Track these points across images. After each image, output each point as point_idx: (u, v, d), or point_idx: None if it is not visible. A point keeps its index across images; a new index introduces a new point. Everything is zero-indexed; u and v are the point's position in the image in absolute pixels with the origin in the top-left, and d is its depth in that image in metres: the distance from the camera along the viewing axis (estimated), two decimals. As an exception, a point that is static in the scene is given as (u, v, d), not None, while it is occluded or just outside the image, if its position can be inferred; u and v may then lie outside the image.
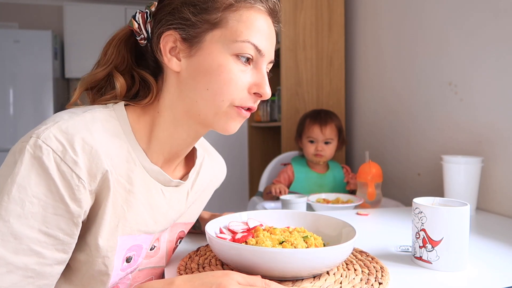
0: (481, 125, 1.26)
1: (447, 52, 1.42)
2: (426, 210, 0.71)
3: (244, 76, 0.63)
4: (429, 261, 0.71)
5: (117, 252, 0.62)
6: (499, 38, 1.19)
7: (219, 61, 0.61)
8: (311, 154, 1.69)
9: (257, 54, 0.63)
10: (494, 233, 0.94)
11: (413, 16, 1.62)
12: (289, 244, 0.66)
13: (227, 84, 0.61)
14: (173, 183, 0.69)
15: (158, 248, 0.72)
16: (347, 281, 0.62)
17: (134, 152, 0.63)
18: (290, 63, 2.10)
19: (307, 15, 2.10)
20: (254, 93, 0.64)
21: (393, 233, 0.97)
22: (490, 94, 1.23)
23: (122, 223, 0.61)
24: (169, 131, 0.66)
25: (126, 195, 0.62)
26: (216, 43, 0.62)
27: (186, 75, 0.63)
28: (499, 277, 0.68)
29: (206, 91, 0.62)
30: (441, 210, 0.69)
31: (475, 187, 1.14)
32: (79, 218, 0.55)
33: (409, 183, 1.66)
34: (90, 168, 0.56)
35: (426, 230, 0.70)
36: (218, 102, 0.62)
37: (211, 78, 0.61)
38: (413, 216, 0.74)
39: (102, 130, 0.59)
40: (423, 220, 0.71)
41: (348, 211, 1.24)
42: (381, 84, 1.87)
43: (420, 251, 0.72)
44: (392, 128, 1.79)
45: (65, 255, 0.56)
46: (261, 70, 0.65)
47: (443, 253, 0.69)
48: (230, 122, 0.64)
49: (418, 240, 0.72)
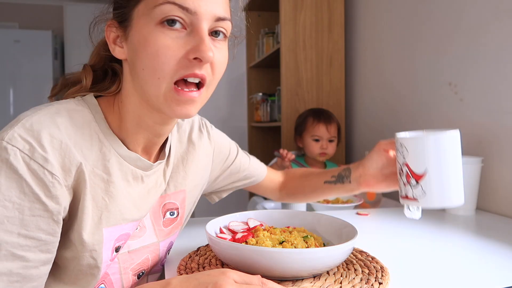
0: (481, 125, 1.26)
1: (447, 52, 1.42)
2: (407, 142, 0.65)
3: (175, 44, 0.55)
4: (415, 198, 0.65)
5: (105, 244, 0.60)
6: (499, 38, 1.19)
7: (144, 34, 0.56)
8: (316, 153, 1.70)
9: (187, 14, 0.55)
10: (494, 233, 0.94)
11: (413, 16, 1.62)
12: (289, 244, 0.66)
13: (156, 58, 0.55)
14: (154, 166, 0.67)
15: (143, 226, 0.70)
16: (347, 281, 0.62)
17: (108, 140, 0.61)
18: (290, 63, 2.10)
19: (307, 15, 2.10)
20: (195, 59, 0.56)
21: (393, 233, 0.97)
22: (490, 94, 1.23)
23: (105, 215, 0.60)
24: (134, 120, 0.63)
25: (106, 185, 0.60)
26: (142, 16, 0.56)
27: (130, 60, 0.60)
28: (499, 277, 0.68)
29: (143, 72, 0.57)
30: (420, 139, 0.64)
31: (475, 187, 1.14)
32: (59, 215, 0.54)
33: (409, 183, 1.66)
34: (63, 163, 0.54)
35: (409, 164, 0.65)
36: (155, 81, 0.56)
37: (141, 55, 0.56)
38: (396, 154, 0.68)
39: (69, 121, 0.57)
40: (405, 153, 0.65)
41: (348, 211, 1.24)
42: (381, 84, 1.87)
43: (405, 189, 0.67)
44: (392, 128, 1.79)
45: (50, 254, 0.54)
46: (199, 31, 0.56)
47: (428, 187, 0.64)
48: (174, 106, 0.58)
49: (402, 177, 0.67)
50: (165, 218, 0.75)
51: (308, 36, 2.11)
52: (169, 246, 0.77)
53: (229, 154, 0.90)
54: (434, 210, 1.20)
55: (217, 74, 0.60)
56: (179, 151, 0.77)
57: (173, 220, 0.76)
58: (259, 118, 2.76)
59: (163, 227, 0.74)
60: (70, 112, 0.58)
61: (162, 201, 0.74)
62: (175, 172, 0.75)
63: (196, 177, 0.80)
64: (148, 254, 0.71)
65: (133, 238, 0.68)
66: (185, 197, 0.78)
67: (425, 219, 1.08)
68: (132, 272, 0.69)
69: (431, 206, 0.65)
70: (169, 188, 0.74)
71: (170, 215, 0.76)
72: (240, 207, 2.80)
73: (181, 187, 0.76)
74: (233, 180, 0.93)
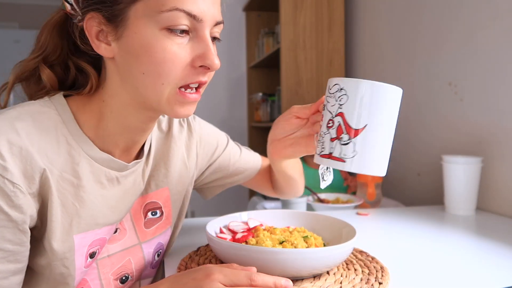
0: (481, 125, 1.26)
1: (447, 52, 1.42)
2: (350, 85, 0.53)
3: (182, 51, 0.54)
4: (342, 159, 0.53)
5: (77, 251, 0.58)
6: (499, 39, 1.19)
7: (147, 39, 0.53)
8: None
9: (193, 21, 0.54)
10: (494, 233, 0.94)
11: (413, 16, 1.62)
12: (289, 244, 0.66)
13: (162, 65, 0.53)
14: (130, 166, 0.65)
15: (123, 229, 0.68)
16: (347, 281, 0.62)
17: (77, 143, 0.58)
18: (290, 63, 2.10)
19: (307, 15, 2.10)
20: (201, 66, 0.55)
21: (393, 233, 0.97)
22: (490, 94, 1.23)
23: (76, 221, 0.57)
24: (118, 120, 0.60)
25: (75, 190, 0.57)
26: (141, 17, 0.53)
27: (121, 60, 0.56)
28: (499, 277, 0.68)
29: (143, 76, 0.54)
30: (373, 86, 0.53)
31: (475, 187, 1.14)
32: (24, 224, 0.52)
33: (409, 183, 1.66)
34: (24, 170, 0.51)
35: (345, 114, 0.53)
36: (158, 87, 0.54)
37: (143, 60, 0.53)
38: (326, 100, 0.56)
39: (32, 125, 0.54)
40: (343, 100, 0.54)
41: (348, 211, 1.24)
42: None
43: (330, 146, 0.54)
44: (392, 128, 1.79)
45: (20, 264, 0.53)
46: (203, 38, 0.55)
47: (362, 146, 0.53)
48: (177, 108, 0.57)
49: (330, 130, 0.55)
50: (146, 219, 0.72)
51: (308, 36, 2.11)
52: (158, 247, 0.74)
53: (216, 147, 0.85)
54: (431, 208, 1.20)
55: (211, 76, 0.60)
56: (160, 149, 0.73)
57: (157, 220, 0.73)
58: (259, 118, 2.76)
59: (145, 228, 0.71)
60: (33, 115, 0.55)
61: (143, 202, 0.71)
62: (155, 171, 0.72)
63: (179, 173, 0.76)
64: (130, 257, 0.69)
65: (112, 241, 0.66)
66: (169, 195, 0.75)
67: (425, 219, 1.08)
68: (114, 276, 0.66)
69: (355, 170, 0.54)
70: (150, 187, 0.71)
71: (152, 215, 0.73)
72: (240, 207, 2.80)
73: (163, 185, 0.73)
74: (224, 174, 0.88)
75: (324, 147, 0.55)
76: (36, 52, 0.61)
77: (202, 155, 0.82)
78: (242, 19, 3.15)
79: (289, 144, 0.70)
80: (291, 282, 0.50)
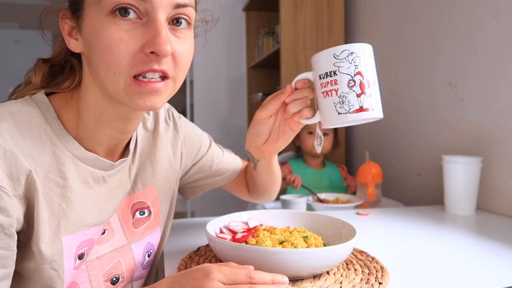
0: (481, 125, 1.26)
1: (447, 52, 1.42)
2: (358, 49, 0.64)
3: (130, 36, 0.50)
4: (370, 108, 0.64)
5: (66, 253, 0.57)
6: (499, 38, 1.19)
7: (95, 27, 0.51)
8: (311, 145, 1.71)
9: (141, 2, 0.50)
10: (494, 233, 0.95)
11: (413, 16, 1.62)
12: (289, 244, 0.66)
13: (109, 53, 0.50)
14: (116, 165, 0.64)
15: (111, 230, 0.66)
16: (347, 281, 0.62)
17: (62, 142, 0.56)
18: (290, 63, 2.10)
19: (307, 15, 2.11)
20: (152, 53, 0.51)
21: (393, 233, 0.97)
22: (490, 94, 1.23)
23: (64, 223, 0.56)
24: (94, 116, 0.59)
25: (62, 191, 0.56)
26: (92, 6, 0.51)
27: (86, 54, 0.55)
28: (499, 277, 0.68)
29: (97, 66, 0.52)
30: (369, 47, 0.65)
31: (475, 187, 1.14)
32: (11, 228, 0.50)
33: (409, 183, 1.66)
34: (9, 172, 0.50)
35: (362, 72, 0.63)
36: (112, 77, 0.52)
37: (94, 50, 0.51)
38: (338, 65, 0.64)
39: (14, 125, 0.52)
40: (357, 61, 0.63)
41: (348, 211, 1.24)
42: (381, 84, 1.87)
43: (359, 101, 0.63)
44: (392, 128, 1.79)
45: (7, 269, 0.51)
46: (154, 21, 0.51)
47: (377, 95, 0.65)
48: (136, 99, 0.53)
49: (355, 88, 0.63)
50: (134, 219, 0.71)
51: (308, 36, 2.11)
52: (148, 247, 0.73)
53: (200, 147, 0.85)
54: (431, 208, 1.20)
55: (181, 66, 0.55)
56: (146, 147, 0.73)
57: (145, 219, 0.73)
58: (259, 118, 2.76)
59: (133, 228, 0.71)
60: (15, 115, 0.53)
61: (130, 202, 0.70)
62: (142, 170, 0.71)
63: (166, 171, 0.76)
64: (120, 258, 0.68)
65: (101, 243, 0.65)
66: (157, 194, 0.74)
67: (425, 219, 1.08)
68: (104, 278, 0.65)
69: (377, 116, 0.64)
70: (137, 186, 0.71)
71: (140, 214, 0.72)
72: (240, 207, 2.80)
73: (150, 184, 0.73)
74: (206, 174, 0.88)
75: (352, 104, 0.63)
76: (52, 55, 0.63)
77: (186, 154, 0.82)
78: (242, 19, 3.15)
79: (276, 137, 0.75)
80: (286, 278, 0.50)
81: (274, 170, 0.87)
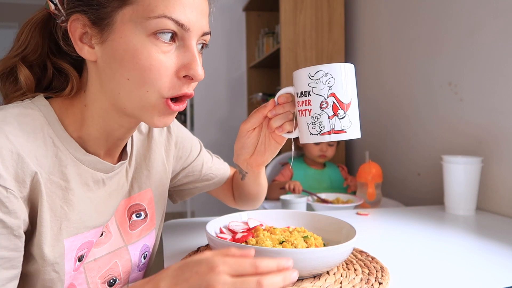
0: (481, 125, 1.26)
1: (447, 52, 1.42)
2: (335, 70, 0.62)
3: (168, 59, 0.54)
4: (344, 130, 0.63)
5: (66, 255, 0.57)
6: (499, 38, 1.19)
7: (134, 44, 0.52)
8: (315, 155, 1.75)
9: (181, 30, 0.54)
10: (494, 233, 0.95)
11: (413, 16, 1.62)
12: (289, 244, 0.66)
13: (148, 72, 0.53)
14: (116, 167, 0.65)
15: (108, 232, 0.67)
16: (347, 281, 0.62)
17: (63, 144, 0.57)
18: (290, 63, 2.10)
19: (307, 15, 2.11)
20: (184, 76, 0.55)
21: (393, 233, 0.97)
22: (490, 94, 1.23)
23: (65, 225, 0.56)
24: (99, 125, 0.59)
25: (64, 193, 0.56)
26: (128, 22, 0.53)
27: (103, 64, 0.55)
28: (499, 277, 0.68)
29: (127, 81, 0.54)
30: (346, 66, 0.63)
31: (475, 187, 1.14)
32: (19, 229, 0.51)
33: (409, 183, 1.66)
34: (16, 174, 0.50)
35: (336, 93, 0.62)
36: (143, 94, 0.54)
37: (128, 65, 0.53)
38: (312, 86, 0.63)
39: (18, 128, 0.53)
40: (331, 82, 0.62)
41: (348, 211, 1.24)
42: (381, 84, 1.87)
43: (331, 123, 0.63)
44: (392, 128, 1.79)
45: (16, 270, 0.52)
46: (189, 47, 0.55)
47: (353, 116, 0.64)
48: (159, 117, 0.56)
49: (327, 110, 0.62)
50: (131, 221, 0.72)
51: (308, 36, 2.11)
52: (143, 249, 0.74)
53: (191, 151, 0.86)
54: (431, 208, 1.20)
55: (195, 86, 0.60)
56: (141, 150, 0.74)
57: (141, 221, 0.73)
58: (259, 118, 2.76)
59: (130, 230, 0.71)
60: (18, 117, 0.54)
61: (127, 204, 0.71)
62: (138, 173, 0.72)
63: (160, 174, 0.77)
64: (116, 260, 0.68)
65: (98, 245, 0.65)
66: (152, 196, 0.75)
67: (425, 219, 1.08)
68: (101, 280, 0.66)
69: (353, 137, 0.64)
70: (133, 189, 0.71)
71: (137, 217, 0.73)
72: (240, 207, 2.80)
73: (146, 187, 0.74)
74: (195, 178, 0.89)
75: (323, 126, 0.63)
76: (15, 50, 0.60)
77: (177, 157, 0.83)
78: (242, 19, 3.15)
79: (263, 150, 0.75)
80: (291, 260, 0.49)
81: (261, 181, 0.88)
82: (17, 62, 0.59)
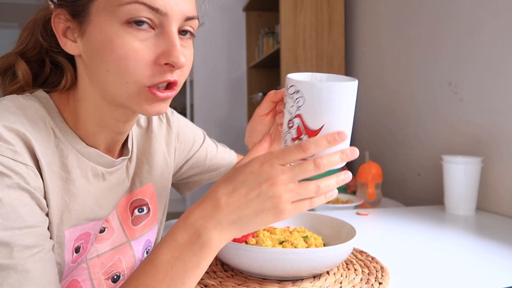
0: (481, 125, 1.26)
1: (447, 52, 1.42)
2: (305, 88, 0.50)
3: (145, 47, 0.51)
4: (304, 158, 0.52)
5: (66, 246, 0.57)
6: (499, 38, 1.19)
7: (108, 34, 0.51)
8: None
9: (157, 15, 0.51)
10: (494, 233, 0.95)
11: (413, 16, 1.63)
12: (289, 244, 0.66)
13: (124, 62, 0.51)
14: (117, 162, 0.64)
15: (111, 228, 0.67)
16: (347, 281, 0.62)
17: (64, 136, 0.57)
18: (290, 63, 2.10)
19: (307, 15, 2.11)
20: (166, 64, 0.52)
21: (393, 233, 0.97)
22: (490, 94, 1.23)
23: (66, 216, 0.56)
24: (95, 120, 0.59)
25: (65, 184, 0.56)
26: (102, 12, 0.51)
27: (86, 58, 0.55)
28: (499, 277, 0.68)
29: (107, 73, 0.53)
30: (330, 86, 0.50)
31: (475, 187, 1.14)
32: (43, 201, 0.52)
33: (409, 183, 1.66)
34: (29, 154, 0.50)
35: (303, 116, 0.51)
36: (123, 85, 0.53)
37: (105, 57, 0.52)
38: (286, 100, 0.54)
39: (23, 116, 0.53)
40: (300, 102, 0.51)
41: (348, 211, 1.24)
42: (381, 84, 1.87)
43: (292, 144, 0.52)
44: (392, 128, 1.79)
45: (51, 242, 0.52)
46: (168, 33, 0.52)
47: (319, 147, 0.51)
48: (149, 105, 0.55)
49: (291, 130, 0.53)
50: (133, 216, 0.71)
51: (308, 36, 2.11)
52: (146, 244, 0.74)
53: (193, 142, 0.85)
54: (431, 208, 1.20)
55: (185, 73, 0.57)
56: (141, 145, 0.73)
57: (144, 216, 0.73)
58: (259, 118, 2.76)
59: (133, 226, 0.71)
60: (19, 107, 0.54)
61: (129, 200, 0.70)
62: (139, 168, 0.71)
63: (161, 168, 0.76)
64: (120, 256, 0.68)
65: (101, 241, 0.65)
66: (154, 191, 0.74)
67: (425, 219, 1.08)
68: (105, 276, 0.65)
69: None
70: (135, 185, 0.71)
71: (139, 212, 0.72)
72: (240, 207, 2.80)
73: (147, 182, 0.73)
74: (201, 170, 0.88)
75: (287, 145, 0.54)
76: (16, 48, 0.61)
77: (179, 150, 0.82)
78: (242, 19, 3.15)
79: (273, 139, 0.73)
80: (350, 173, 0.50)
81: None
82: (16, 57, 0.60)
